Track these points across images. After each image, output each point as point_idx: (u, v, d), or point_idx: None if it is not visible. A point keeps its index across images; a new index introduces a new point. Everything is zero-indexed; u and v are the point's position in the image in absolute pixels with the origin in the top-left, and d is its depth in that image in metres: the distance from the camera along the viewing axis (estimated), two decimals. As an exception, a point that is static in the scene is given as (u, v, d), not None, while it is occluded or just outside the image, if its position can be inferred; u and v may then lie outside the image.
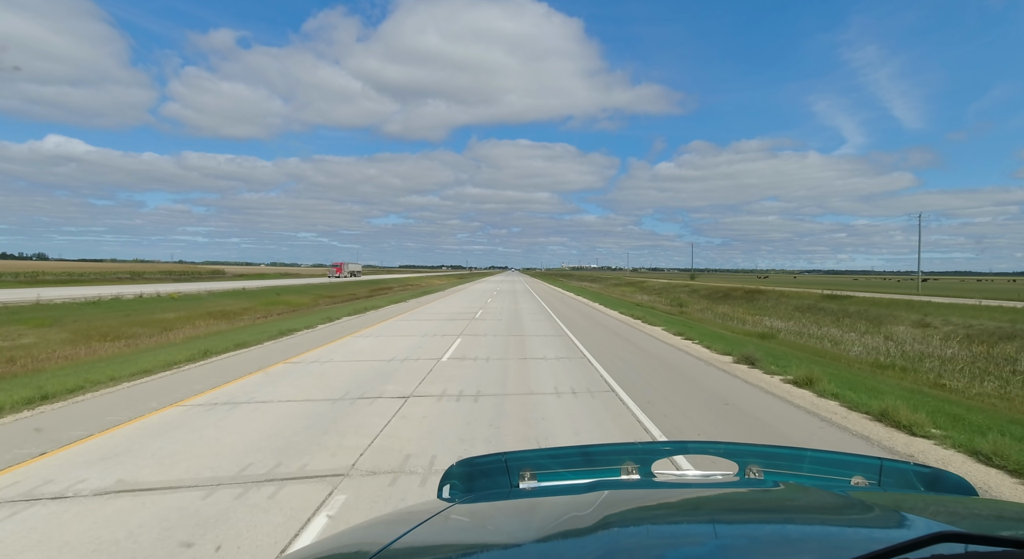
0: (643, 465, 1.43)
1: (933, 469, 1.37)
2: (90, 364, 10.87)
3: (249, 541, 3.58)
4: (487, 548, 0.95)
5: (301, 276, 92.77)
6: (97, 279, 59.64)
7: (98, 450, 5.43)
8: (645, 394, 8.32)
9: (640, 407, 7.48)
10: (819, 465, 1.42)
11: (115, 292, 34.12)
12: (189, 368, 10.02)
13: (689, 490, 1.36)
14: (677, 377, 9.88)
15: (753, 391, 8.79)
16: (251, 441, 5.70)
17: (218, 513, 3.98)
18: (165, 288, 40.54)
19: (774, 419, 7.03)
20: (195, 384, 8.54)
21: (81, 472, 4.83)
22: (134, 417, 6.62)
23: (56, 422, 6.42)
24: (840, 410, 7.55)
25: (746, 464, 1.41)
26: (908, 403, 7.38)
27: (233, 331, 17.22)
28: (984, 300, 32.44)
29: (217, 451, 5.38)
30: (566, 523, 1.00)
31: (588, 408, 7.43)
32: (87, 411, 6.96)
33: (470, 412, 7.08)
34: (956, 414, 7.38)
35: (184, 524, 3.80)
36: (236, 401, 7.45)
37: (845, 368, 12.30)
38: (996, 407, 9.29)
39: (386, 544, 0.93)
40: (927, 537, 0.66)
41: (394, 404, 7.42)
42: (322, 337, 14.72)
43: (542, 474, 1.41)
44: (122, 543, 3.53)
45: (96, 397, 7.71)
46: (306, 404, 7.34)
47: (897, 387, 9.79)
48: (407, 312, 23.76)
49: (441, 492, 1.38)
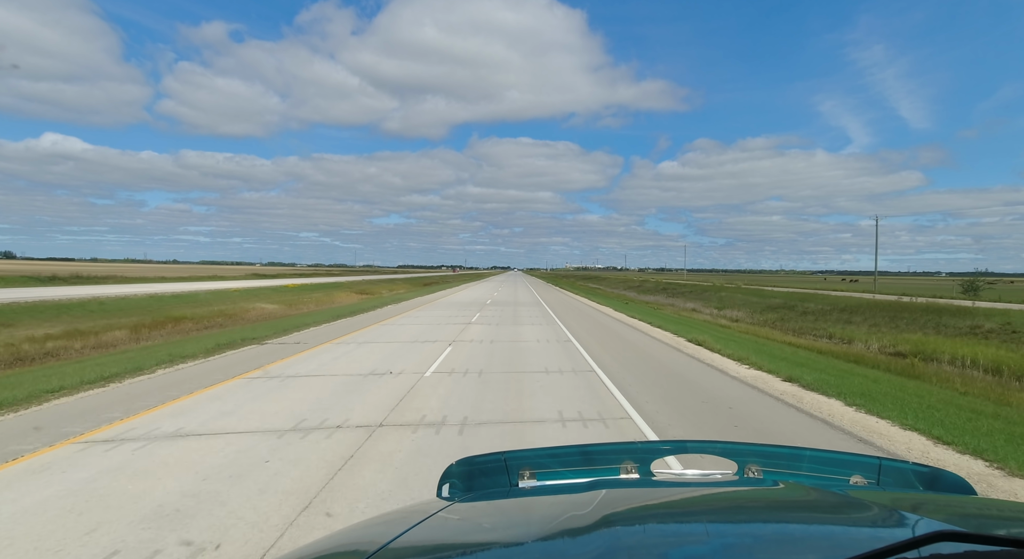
0: (642, 464, 1.43)
1: (932, 468, 1.37)
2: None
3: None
4: (487, 547, 0.95)
5: (224, 278, 63.36)
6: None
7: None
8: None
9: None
10: (818, 464, 1.42)
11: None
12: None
13: (689, 489, 1.36)
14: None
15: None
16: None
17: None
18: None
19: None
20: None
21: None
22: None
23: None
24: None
25: (745, 463, 1.41)
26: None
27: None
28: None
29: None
30: (566, 522, 1.00)
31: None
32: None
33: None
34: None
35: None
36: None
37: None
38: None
39: (385, 543, 0.93)
40: (926, 536, 0.66)
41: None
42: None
43: (541, 473, 1.41)
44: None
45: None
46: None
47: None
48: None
49: (440, 491, 1.38)
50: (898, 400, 7.95)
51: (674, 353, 12.96)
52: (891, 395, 8.38)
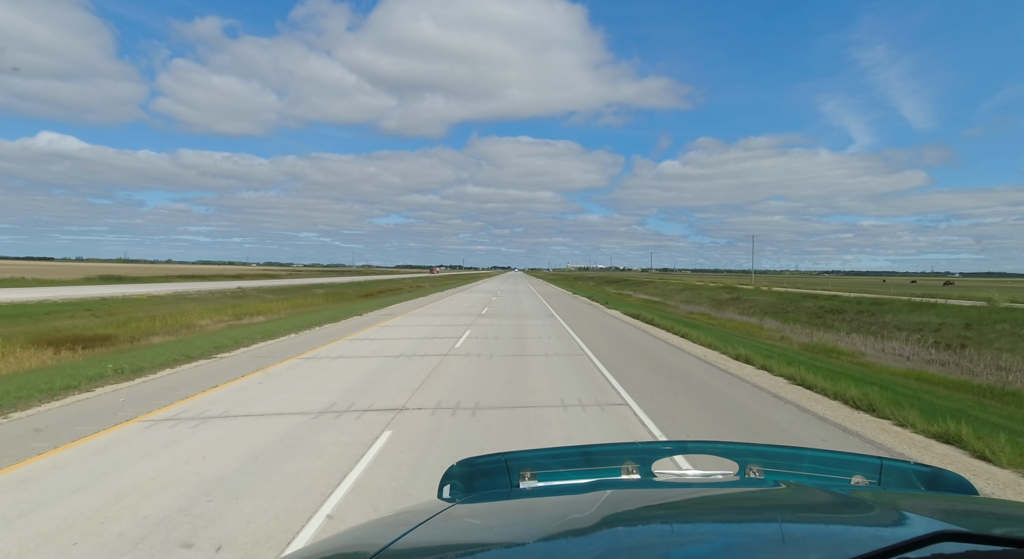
0: (643, 465, 1.43)
1: (933, 468, 1.37)
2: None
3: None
4: (488, 548, 0.95)
5: (125, 281, 48.47)
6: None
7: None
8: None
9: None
10: (819, 465, 1.42)
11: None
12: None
13: (690, 490, 1.36)
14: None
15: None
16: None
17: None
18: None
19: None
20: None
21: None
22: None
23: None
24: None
25: (746, 464, 1.41)
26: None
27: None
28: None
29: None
30: (567, 523, 1.00)
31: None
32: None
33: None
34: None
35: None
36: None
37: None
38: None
39: (386, 544, 0.93)
40: (928, 536, 0.66)
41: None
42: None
43: (542, 474, 1.41)
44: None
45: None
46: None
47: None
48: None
49: (441, 492, 1.38)
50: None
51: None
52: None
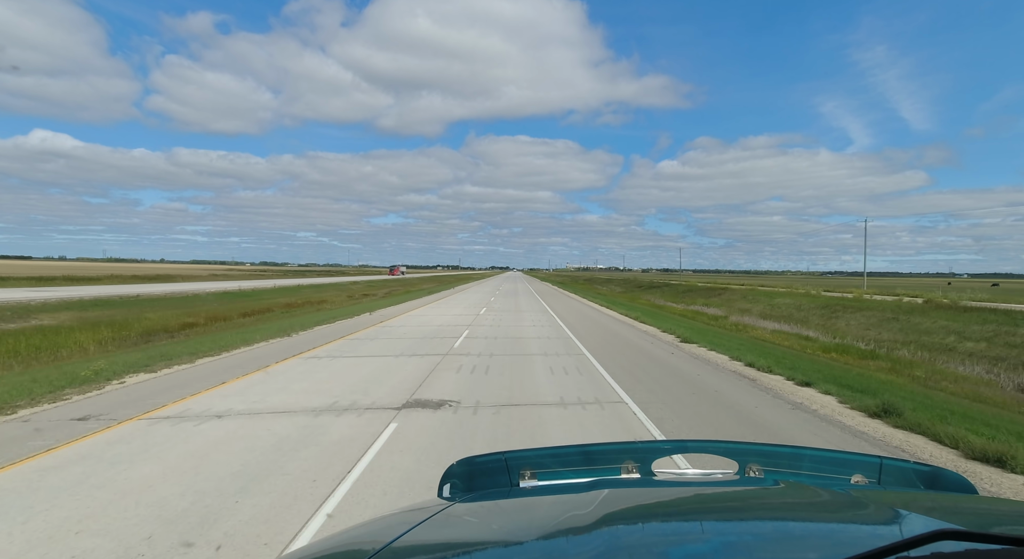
0: (643, 464, 1.43)
1: (933, 467, 1.37)
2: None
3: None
4: (488, 547, 0.95)
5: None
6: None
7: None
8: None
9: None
10: (819, 464, 1.42)
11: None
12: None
13: (690, 489, 1.36)
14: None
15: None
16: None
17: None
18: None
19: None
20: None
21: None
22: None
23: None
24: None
25: (746, 463, 1.41)
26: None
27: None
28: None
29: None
30: (567, 521, 1.00)
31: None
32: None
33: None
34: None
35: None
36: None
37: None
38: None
39: (386, 543, 0.93)
40: (927, 535, 0.66)
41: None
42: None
43: (542, 473, 1.41)
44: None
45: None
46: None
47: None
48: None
49: (441, 491, 1.38)
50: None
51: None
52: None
